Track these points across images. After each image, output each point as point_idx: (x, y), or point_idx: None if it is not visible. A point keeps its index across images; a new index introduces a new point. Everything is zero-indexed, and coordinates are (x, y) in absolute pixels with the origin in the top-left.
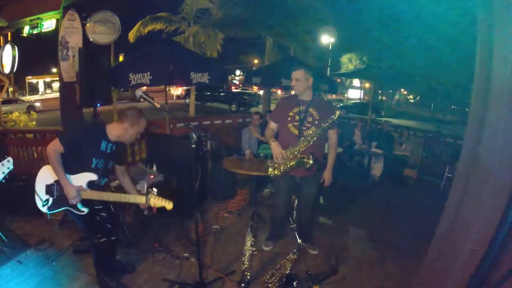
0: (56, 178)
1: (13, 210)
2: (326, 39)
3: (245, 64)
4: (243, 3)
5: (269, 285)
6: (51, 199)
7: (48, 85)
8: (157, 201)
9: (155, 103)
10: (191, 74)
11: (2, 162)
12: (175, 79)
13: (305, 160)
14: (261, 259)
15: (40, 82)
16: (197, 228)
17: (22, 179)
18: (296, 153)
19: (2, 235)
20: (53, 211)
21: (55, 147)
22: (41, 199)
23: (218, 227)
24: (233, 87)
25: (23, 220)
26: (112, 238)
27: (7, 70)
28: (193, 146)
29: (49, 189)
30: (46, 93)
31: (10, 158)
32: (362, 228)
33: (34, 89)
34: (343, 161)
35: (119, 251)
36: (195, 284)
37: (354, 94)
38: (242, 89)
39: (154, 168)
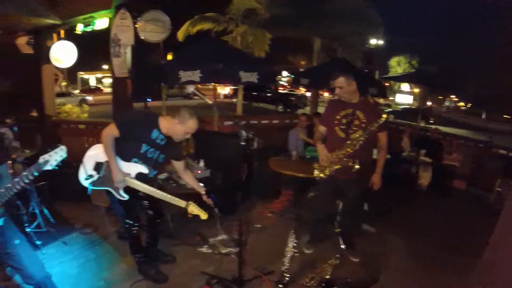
0: (117, 165)
1: (63, 195)
2: (375, 41)
3: (292, 65)
4: (291, 3)
5: None
6: (96, 176)
7: (99, 81)
8: (194, 209)
9: (206, 100)
10: (240, 73)
11: (55, 150)
12: (224, 78)
13: (350, 163)
14: (301, 261)
15: (91, 77)
16: (241, 225)
17: (73, 167)
18: (341, 156)
19: (50, 217)
20: (94, 187)
21: (110, 131)
22: (86, 173)
23: (260, 226)
24: (280, 88)
25: (71, 205)
26: (150, 225)
27: (62, 65)
28: (242, 143)
29: (97, 167)
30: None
31: (63, 147)
32: (405, 238)
33: (85, 84)
34: (390, 168)
35: (161, 241)
36: (233, 280)
37: (403, 99)
38: (289, 91)
39: (202, 163)
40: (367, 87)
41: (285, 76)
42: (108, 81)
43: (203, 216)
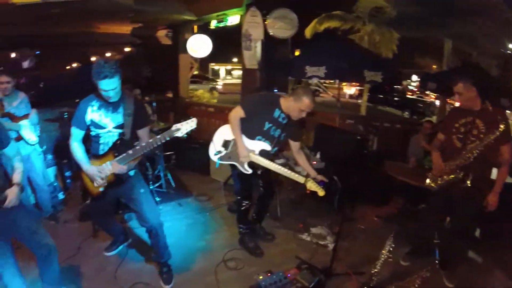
0: (242, 142)
1: (187, 165)
2: None
3: (421, 68)
4: (419, 1)
5: None
6: (224, 152)
7: (228, 72)
8: (312, 186)
9: (328, 92)
10: (364, 72)
11: (187, 121)
12: (348, 75)
13: (461, 176)
14: (393, 268)
15: (221, 69)
16: (343, 222)
17: (198, 143)
18: (454, 167)
19: (172, 181)
20: (222, 162)
21: (236, 112)
22: (215, 149)
23: (363, 227)
24: (408, 93)
25: (192, 175)
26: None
27: (198, 54)
28: (358, 137)
29: (225, 143)
30: (226, 79)
31: (194, 119)
32: None
33: (216, 75)
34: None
35: (266, 221)
36: (322, 270)
37: None
38: (417, 96)
39: (318, 155)
40: (499, 97)
41: (414, 81)
42: (237, 73)
43: (321, 192)
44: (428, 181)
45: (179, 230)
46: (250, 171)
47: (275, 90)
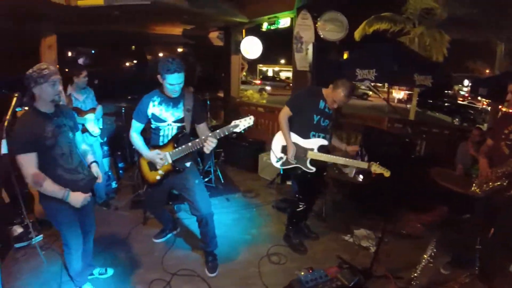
0: (291, 142)
1: (235, 162)
2: None
3: (473, 73)
4: (471, 2)
5: None
6: (284, 157)
7: (276, 73)
8: (377, 168)
9: (380, 95)
10: (414, 75)
11: (245, 118)
12: (398, 79)
13: (506, 184)
14: (433, 274)
15: (269, 70)
16: (385, 226)
17: (248, 141)
18: (500, 174)
19: (221, 177)
20: (285, 167)
21: (284, 112)
22: (276, 157)
23: (405, 233)
24: (459, 99)
25: (240, 172)
26: (309, 204)
27: (253, 56)
28: (406, 140)
29: (284, 149)
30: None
31: (252, 117)
32: None
33: (264, 76)
34: None
35: (311, 219)
36: (362, 270)
37: None
38: (468, 102)
39: (366, 158)
40: None
41: (466, 86)
42: (284, 74)
43: (386, 173)
44: (474, 187)
45: (226, 223)
46: (313, 169)
47: None
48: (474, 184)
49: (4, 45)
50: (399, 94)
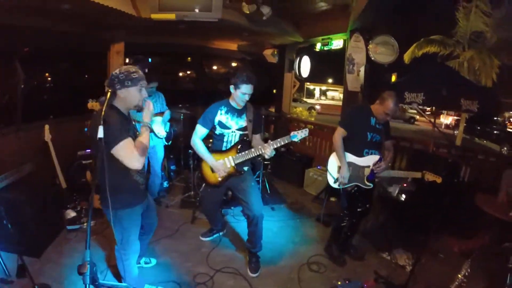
0: (348, 160)
1: (282, 175)
2: None
3: None
4: None
5: None
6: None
7: (323, 93)
8: (430, 176)
9: (426, 117)
10: (461, 100)
11: (302, 130)
12: (445, 103)
13: None
14: None
15: (316, 89)
16: (424, 248)
17: (295, 156)
18: None
19: (268, 187)
20: (343, 187)
21: (338, 132)
22: (333, 177)
23: (443, 257)
24: (510, 126)
25: (286, 184)
26: (357, 220)
27: (304, 75)
28: (449, 161)
29: (340, 169)
30: (321, 99)
31: (307, 129)
32: None
33: (310, 94)
34: None
35: (357, 236)
36: (397, 286)
37: None
38: None
39: (410, 179)
40: None
41: None
42: (331, 94)
43: (438, 180)
44: None
45: (271, 230)
46: (371, 185)
47: None
48: None
49: (77, 47)
50: (447, 119)
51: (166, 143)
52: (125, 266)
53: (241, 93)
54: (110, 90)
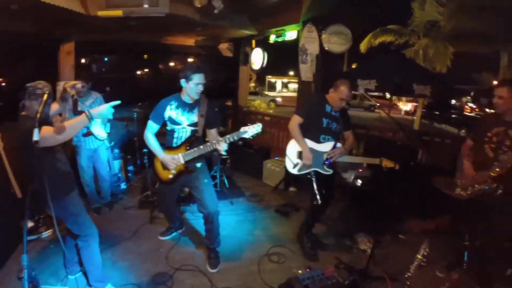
0: (307, 147)
1: (241, 168)
2: None
3: (478, 84)
4: (474, 14)
5: None
6: (301, 163)
7: (284, 85)
8: (387, 163)
9: (372, 101)
10: (413, 85)
11: (254, 125)
12: (397, 88)
13: (494, 187)
14: (429, 279)
15: (278, 81)
16: (385, 231)
17: (253, 148)
18: (486, 178)
19: (226, 182)
20: (301, 172)
21: (293, 120)
22: (292, 163)
23: (404, 238)
24: (467, 110)
25: (245, 177)
26: (323, 205)
27: (255, 67)
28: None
29: (299, 155)
30: (282, 92)
31: (260, 124)
32: None
33: (272, 87)
34: None
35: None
36: (358, 271)
37: None
38: (476, 114)
39: (365, 164)
40: None
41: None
42: (293, 86)
43: (396, 166)
44: (458, 189)
45: (230, 224)
46: (331, 171)
47: None
48: (458, 187)
49: (26, 47)
50: (406, 106)
51: (109, 144)
52: (88, 253)
53: (194, 84)
54: (48, 92)
